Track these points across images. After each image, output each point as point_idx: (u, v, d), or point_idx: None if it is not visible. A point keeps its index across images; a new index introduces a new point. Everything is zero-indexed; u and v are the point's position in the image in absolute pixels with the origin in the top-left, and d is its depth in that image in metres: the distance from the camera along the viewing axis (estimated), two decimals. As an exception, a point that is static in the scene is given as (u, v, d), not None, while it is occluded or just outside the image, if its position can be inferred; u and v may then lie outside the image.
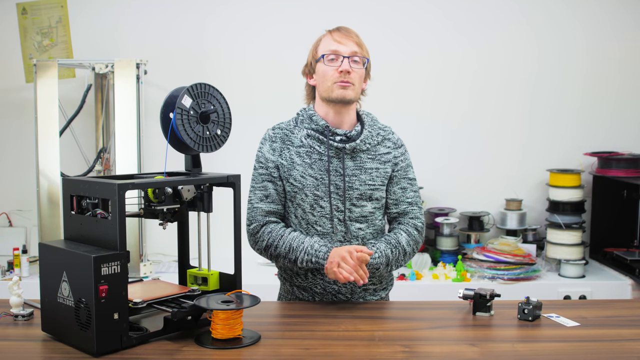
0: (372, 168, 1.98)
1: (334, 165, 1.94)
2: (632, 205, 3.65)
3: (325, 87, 1.95)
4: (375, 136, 2.00)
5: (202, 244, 1.74)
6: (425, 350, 1.52)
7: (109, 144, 3.52)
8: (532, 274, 3.34)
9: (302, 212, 1.97)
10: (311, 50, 2.02)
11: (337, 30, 1.98)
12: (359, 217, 1.97)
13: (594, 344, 1.58)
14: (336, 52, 1.93)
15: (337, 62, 1.93)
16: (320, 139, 1.95)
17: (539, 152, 3.82)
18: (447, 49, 3.77)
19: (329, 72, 1.93)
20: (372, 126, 2.02)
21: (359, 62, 1.95)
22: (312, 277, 1.98)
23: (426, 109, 3.80)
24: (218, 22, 3.73)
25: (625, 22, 3.78)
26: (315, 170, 1.94)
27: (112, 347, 1.46)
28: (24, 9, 3.58)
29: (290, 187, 1.97)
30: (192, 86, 1.65)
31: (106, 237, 1.48)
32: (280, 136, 2.00)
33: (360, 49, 1.95)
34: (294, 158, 1.96)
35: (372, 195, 1.98)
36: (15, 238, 3.58)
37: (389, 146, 2.03)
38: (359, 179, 1.95)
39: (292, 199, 1.98)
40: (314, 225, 1.96)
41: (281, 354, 1.49)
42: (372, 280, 2.01)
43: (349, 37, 1.95)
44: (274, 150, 1.99)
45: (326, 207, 1.94)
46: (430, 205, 3.83)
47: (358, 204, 1.96)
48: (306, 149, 1.96)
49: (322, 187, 1.94)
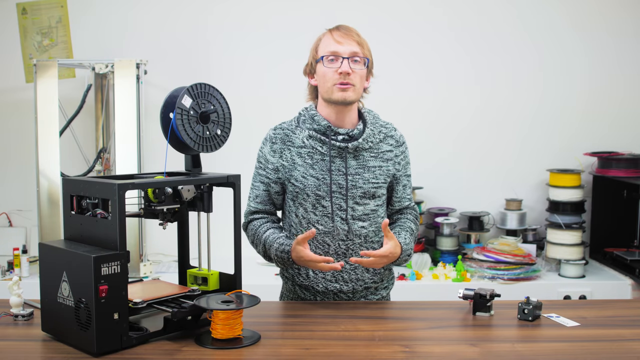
0: (375, 166, 1.98)
1: (336, 164, 1.94)
2: (632, 205, 3.65)
3: (325, 88, 1.94)
4: (377, 134, 2.01)
5: (202, 244, 1.74)
6: (425, 350, 1.52)
7: (109, 144, 3.52)
8: (532, 274, 3.34)
9: (304, 211, 1.97)
10: (311, 50, 2.00)
11: (336, 29, 1.95)
12: (361, 215, 1.97)
13: (594, 344, 1.58)
14: (335, 53, 1.91)
15: (337, 64, 1.91)
16: (322, 140, 1.95)
17: (539, 152, 3.82)
18: (451, 51, 3.77)
19: (329, 73, 1.92)
20: (374, 124, 2.02)
21: (360, 62, 1.93)
22: (314, 276, 1.98)
23: (427, 109, 3.80)
24: (218, 22, 3.73)
25: (625, 23, 3.78)
26: (317, 171, 1.94)
27: (112, 347, 1.46)
28: (24, 9, 3.58)
29: (292, 187, 1.97)
30: (192, 86, 1.65)
31: (106, 237, 1.48)
32: (280, 137, 2.00)
33: (361, 48, 1.93)
34: (295, 159, 1.96)
35: (375, 193, 1.98)
36: (15, 238, 3.58)
37: (391, 144, 2.03)
38: (362, 178, 1.96)
39: (293, 199, 1.99)
40: (315, 224, 1.96)
41: (281, 354, 1.49)
42: (374, 278, 2.01)
43: (349, 36, 1.93)
44: (274, 152, 1.99)
45: (328, 206, 1.95)
46: (430, 205, 3.83)
47: (361, 202, 1.96)
48: (308, 149, 1.96)
49: (323, 187, 1.94)
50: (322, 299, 1.99)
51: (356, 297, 2.01)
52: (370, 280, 2.00)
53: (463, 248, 3.65)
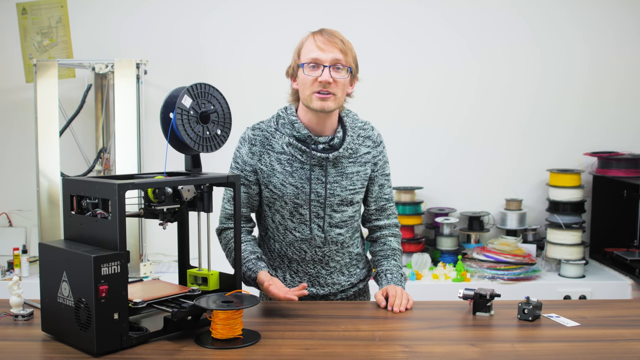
0: (353, 172, 1.96)
1: (315, 173, 1.92)
2: (632, 205, 3.65)
3: (305, 96, 1.89)
4: (356, 138, 1.97)
5: (202, 244, 1.74)
6: (425, 350, 1.52)
7: (109, 144, 3.52)
8: (532, 274, 3.34)
9: (281, 217, 1.96)
10: (294, 53, 1.94)
11: (320, 34, 1.88)
12: (339, 222, 1.97)
13: (594, 344, 1.58)
14: (317, 60, 1.84)
15: (318, 72, 1.84)
16: (302, 149, 1.91)
17: (539, 152, 3.82)
18: (450, 51, 3.77)
19: (309, 81, 1.86)
20: (353, 127, 1.98)
21: (342, 70, 1.86)
22: (291, 279, 2.01)
23: (427, 109, 3.79)
24: (218, 22, 3.73)
25: (625, 24, 3.77)
26: (296, 179, 1.92)
27: (112, 347, 1.46)
28: (24, 9, 3.58)
29: (269, 193, 1.95)
30: (192, 86, 1.64)
31: (106, 237, 1.48)
32: (260, 139, 1.96)
33: (344, 55, 1.85)
34: (274, 165, 1.93)
35: (353, 200, 1.98)
36: (15, 238, 3.58)
37: (368, 145, 2.01)
38: (340, 185, 1.94)
39: (270, 205, 1.97)
40: (292, 231, 1.96)
41: (281, 354, 1.49)
42: (350, 280, 2.05)
43: (332, 42, 1.85)
44: (253, 153, 1.95)
45: (305, 214, 1.93)
46: (430, 205, 3.83)
47: (339, 209, 1.96)
48: (287, 156, 1.92)
49: (302, 196, 1.92)
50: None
51: (333, 298, 2.04)
52: (347, 282, 2.04)
53: (463, 248, 3.65)
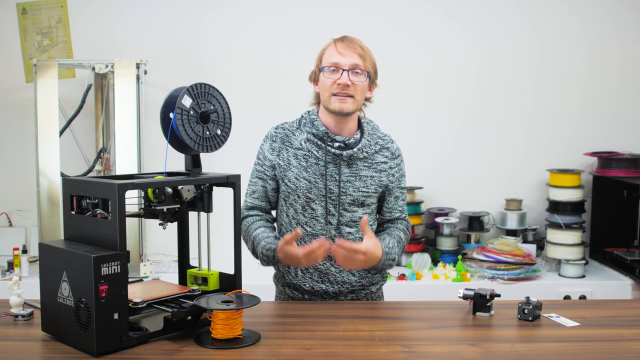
0: (367, 176, 2.01)
1: (329, 170, 1.98)
2: (632, 205, 3.65)
3: (324, 97, 1.98)
4: (373, 145, 2.03)
5: (202, 244, 1.74)
6: (425, 350, 1.52)
7: (109, 144, 3.52)
8: (532, 274, 3.34)
9: (294, 212, 2.02)
10: (317, 59, 2.04)
11: (341, 41, 1.98)
12: (349, 221, 2.01)
13: (594, 344, 1.58)
14: (336, 64, 1.94)
15: (337, 75, 1.94)
16: (318, 144, 1.98)
17: (539, 152, 3.82)
18: (449, 49, 3.77)
19: (328, 83, 1.95)
20: (372, 135, 2.05)
21: (361, 74, 1.95)
22: (302, 275, 2.02)
23: (427, 109, 3.80)
24: (218, 22, 3.73)
25: (625, 22, 3.78)
26: (310, 174, 1.98)
27: (112, 347, 1.46)
28: (24, 9, 3.58)
29: (284, 187, 2.02)
30: (192, 86, 1.65)
31: (106, 237, 1.48)
32: (281, 136, 2.05)
33: (363, 61, 1.95)
34: (291, 160, 2.01)
35: (365, 202, 2.02)
36: (15, 238, 3.58)
37: (386, 155, 2.06)
38: (353, 186, 1.99)
39: (285, 199, 2.04)
40: (304, 225, 2.01)
41: (281, 354, 1.49)
42: (361, 281, 2.04)
43: (351, 48, 1.95)
44: (273, 149, 2.04)
45: (317, 209, 1.99)
46: (430, 205, 3.83)
47: (350, 209, 2.00)
48: (304, 152, 2.00)
49: (314, 191, 1.97)
50: (309, 298, 2.04)
51: (340, 298, 2.04)
52: (358, 283, 2.03)
53: (463, 248, 3.65)
